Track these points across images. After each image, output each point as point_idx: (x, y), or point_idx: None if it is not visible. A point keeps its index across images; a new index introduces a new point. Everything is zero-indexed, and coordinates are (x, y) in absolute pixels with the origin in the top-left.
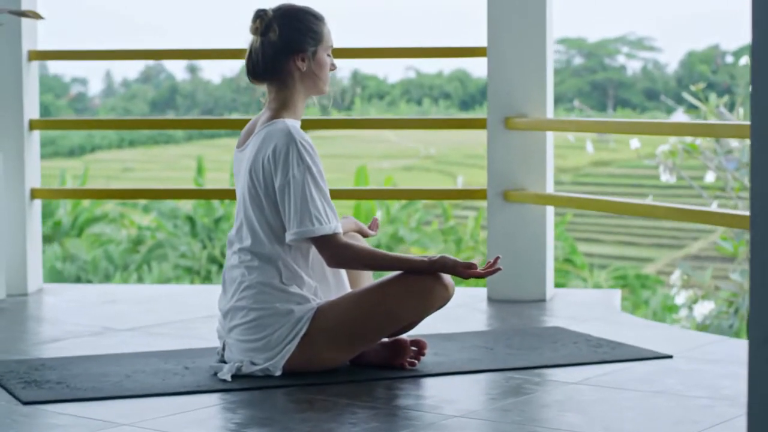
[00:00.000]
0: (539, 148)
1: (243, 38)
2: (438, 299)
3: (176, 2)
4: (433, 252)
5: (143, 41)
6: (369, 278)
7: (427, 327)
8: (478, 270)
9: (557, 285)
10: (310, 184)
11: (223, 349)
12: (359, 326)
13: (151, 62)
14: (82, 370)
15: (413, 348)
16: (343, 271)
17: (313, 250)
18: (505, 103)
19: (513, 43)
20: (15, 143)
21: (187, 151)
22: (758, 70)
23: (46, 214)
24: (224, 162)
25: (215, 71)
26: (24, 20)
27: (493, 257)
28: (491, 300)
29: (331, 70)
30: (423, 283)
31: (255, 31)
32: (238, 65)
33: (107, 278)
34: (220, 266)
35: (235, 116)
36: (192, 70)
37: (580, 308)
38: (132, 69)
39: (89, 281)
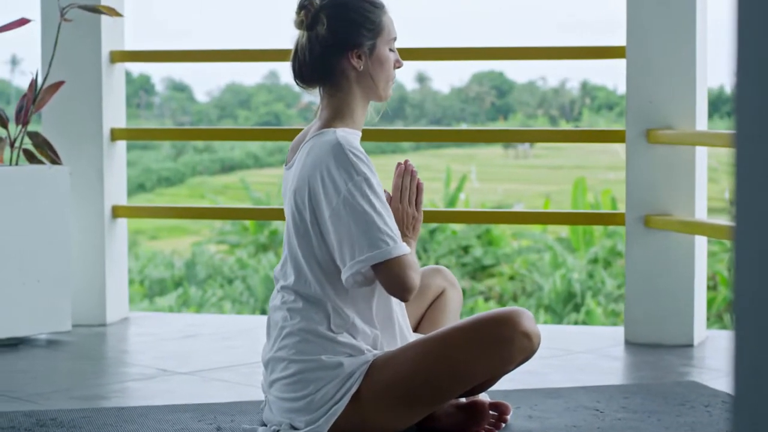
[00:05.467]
0: (687, 165)
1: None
2: (518, 352)
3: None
4: None
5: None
6: (452, 319)
7: (533, 377)
8: None
9: None
10: (370, 196)
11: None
12: (420, 385)
13: None
14: (95, 429)
15: (493, 412)
16: (405, 316)
17: (378, 290)
18: (646, 113)
19: (657, 41)
20: (93, 155)
21: (411, 161)
22: (741, 73)
23: (263, 224)
24: (442, 172)
25: (444, 81)
26: (106, 18)
27: (632, 292)
28: (628, 343)
29: (396, 67)
30: (498, 331)
31: (300, 24)
32: (466, 75)
33: None
34: None
35: (451, 127)
36: (421, 79)
37: None
38: None
39: None
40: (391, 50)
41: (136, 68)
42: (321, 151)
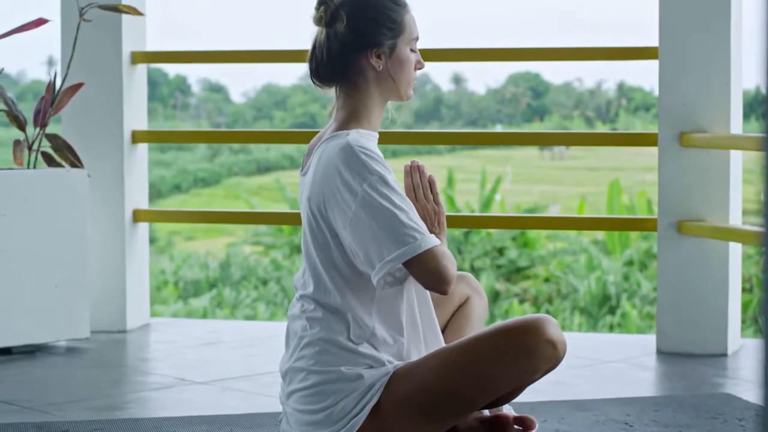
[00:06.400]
0: (721, 170)
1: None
2: (543, 361)
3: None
4: None
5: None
6: (476, 327)
7: (561, 388)
8: None
9: None
10: (387, 194)
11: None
12: (442, 396)
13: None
14: None
15: (517, 427)
16: (434, 322)
17: (406, 295)
18: (679, 116)
19: (690, 41)
20: (113, 158)
21: (447, 162)
22: None
23: (299, 225)
24: (477, 173)
25: (480, 82)
26: (127, 18)
27: (665, 300)
28: (660, 353)
29: (417, 69)
30: (522, 339)
31: (319, 20)
32: (502, 76)
33: None
34: None
35: (478, 129)
36: (457, 80)
37: None
38: None
39: None
40: (412, 51)
41: (173, 69)
42: (331, 155)
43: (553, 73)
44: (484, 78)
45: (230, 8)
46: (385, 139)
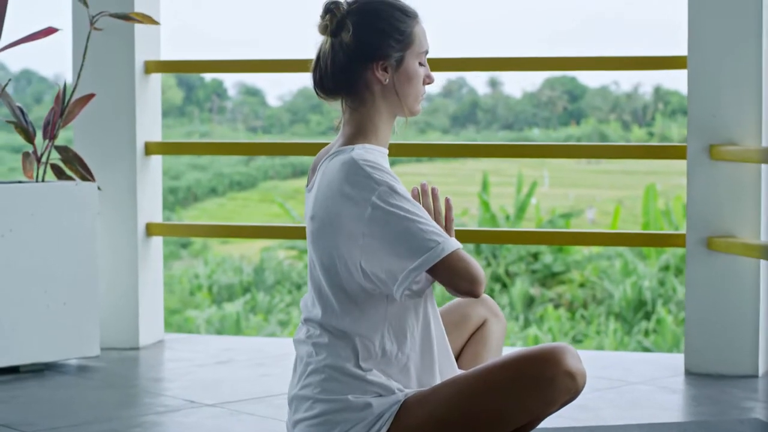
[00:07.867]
0: (752, 184)
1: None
2: (561, 392)
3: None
4: None
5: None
6: (494, 353)
7: (584, 412)
8: None
9: None
10: (399, 203)
11: None
12: (456, 428)
13: (452, 76)
14: None
15: None
16: (449, 350)
17: (423, 315)
18: (709, 128)
19: (720, 50)
20: (126, 171)
21: (483, 166)
22: None
23: None
24: (513, 176)
25: (516, 86)
26: (141, 26)
27: (693, 318)
28: (689, 373)
29: (426, 83)
30: (540, 370)
31: (324, 29)
32: (539, 79)
33: None
34: (504, 285)
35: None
36: (493, 84)
37: None
38: (435, 83)
39: None
40: (421, 64)
41: (208, 73)
42: (334, 171)
43: (590, 76)
44: (521, 82)
45: (253, 16)
46: (422, 150)
